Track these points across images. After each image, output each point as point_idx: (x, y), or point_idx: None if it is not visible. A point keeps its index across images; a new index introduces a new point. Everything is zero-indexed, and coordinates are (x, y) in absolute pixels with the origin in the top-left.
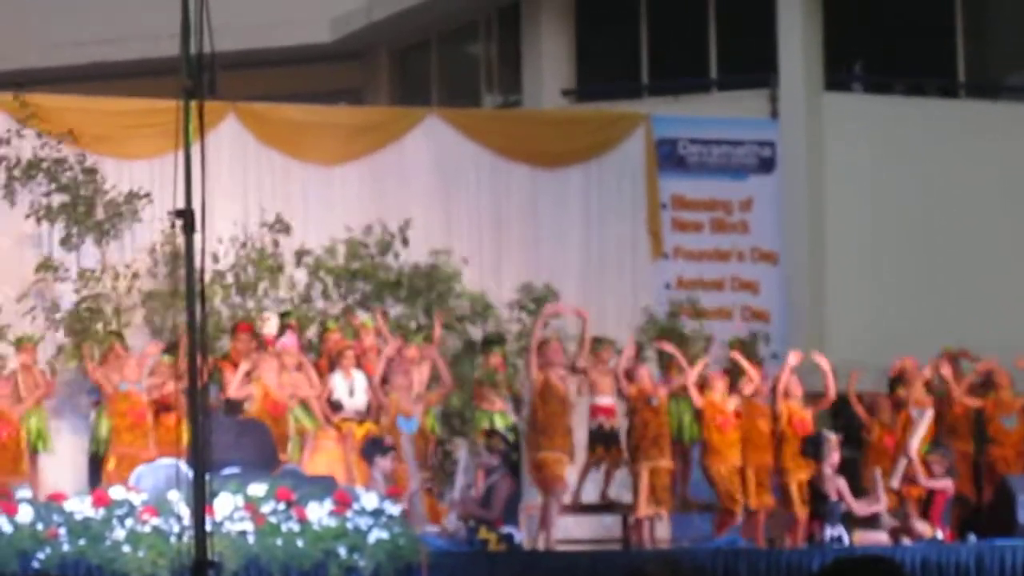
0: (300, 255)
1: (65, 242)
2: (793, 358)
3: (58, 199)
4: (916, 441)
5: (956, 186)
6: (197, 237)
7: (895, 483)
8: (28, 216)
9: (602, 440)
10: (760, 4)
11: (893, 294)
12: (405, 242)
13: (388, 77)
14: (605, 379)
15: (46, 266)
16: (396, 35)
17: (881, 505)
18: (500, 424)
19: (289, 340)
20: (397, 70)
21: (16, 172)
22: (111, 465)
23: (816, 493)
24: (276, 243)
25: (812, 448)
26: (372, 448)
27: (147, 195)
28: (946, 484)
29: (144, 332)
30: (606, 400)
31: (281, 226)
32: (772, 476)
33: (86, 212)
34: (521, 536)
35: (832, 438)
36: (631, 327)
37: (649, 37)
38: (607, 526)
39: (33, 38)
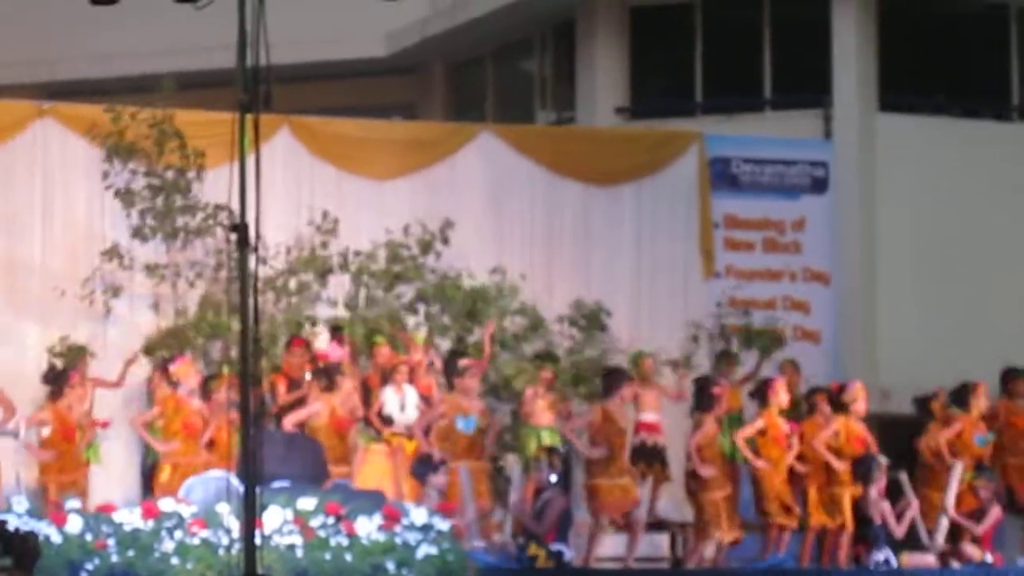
0: (344, 257)
1: (137, 233)
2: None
3: (142, 182)
4: (951, 498)
5: (1008, 208)
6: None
7: (940, 539)
8: (108, 188)
9: (645, 456)
10: (815, 25)
11: (945, 315)
12: (446, 241)
13: (442, 92)
14: (650, 395)
15: (112, 253)
16: (451, 50)
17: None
18: (548, 440)
19: (336, 351)
20: (451, 85)
21: (122, 151)
22: (164, 475)
23: (861, 516)
24: (325, 244)
25: (862, 471)
26: (423, 466)
27: (226, 208)
28: (994, 511)
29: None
30: (650, 416)
31: (329, 224)
32: (831, 496)
33: (164, 204)
34: (571, 554)
35: (883, 462)
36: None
37: (703, 56)
38: (656, 544)
39: (88, 48)
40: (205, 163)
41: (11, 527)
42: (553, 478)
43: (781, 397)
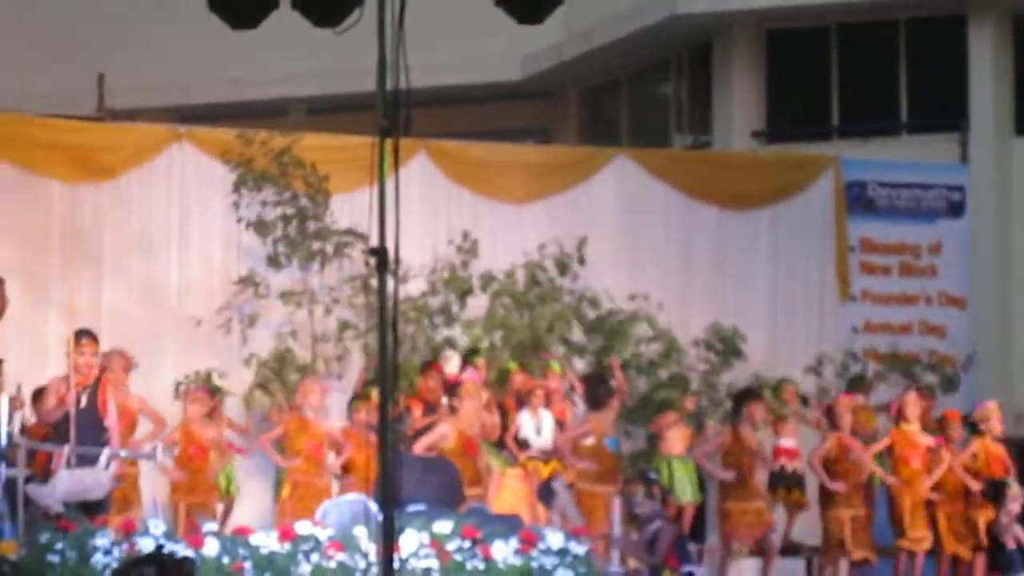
0: (486, 280)
1: (272, 261)
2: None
3: (274, 212)
4: None
5: None
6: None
7: None
8: (239, 222)
9: (783, 482)
10: (951, 48)
11: None
12: (582, 261)
13: (577, 116)
14: (788, 421)
15: (247, 281)
16: (586, 74)
17: None
18: (680, 469)
19: (471, 377)
20: (586, 109)
21: (249, 181)
22: (284, 492)
23: (994, 542)
24: (465, 264)
25: (992, 493)
26: (548, 489)
27: (364, 236)
28: None
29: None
30: (789, 442)
31: (469, 244)
32: (964, 523)
33: (299, 232)
34: (703, 572)
35: (1015, 487)
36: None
37: (839, 79)
38: (791, 570)
39: (222, 73)
40: (329, 189)
41: (166, 551)
42: (655, 508)
43: (908, 412)
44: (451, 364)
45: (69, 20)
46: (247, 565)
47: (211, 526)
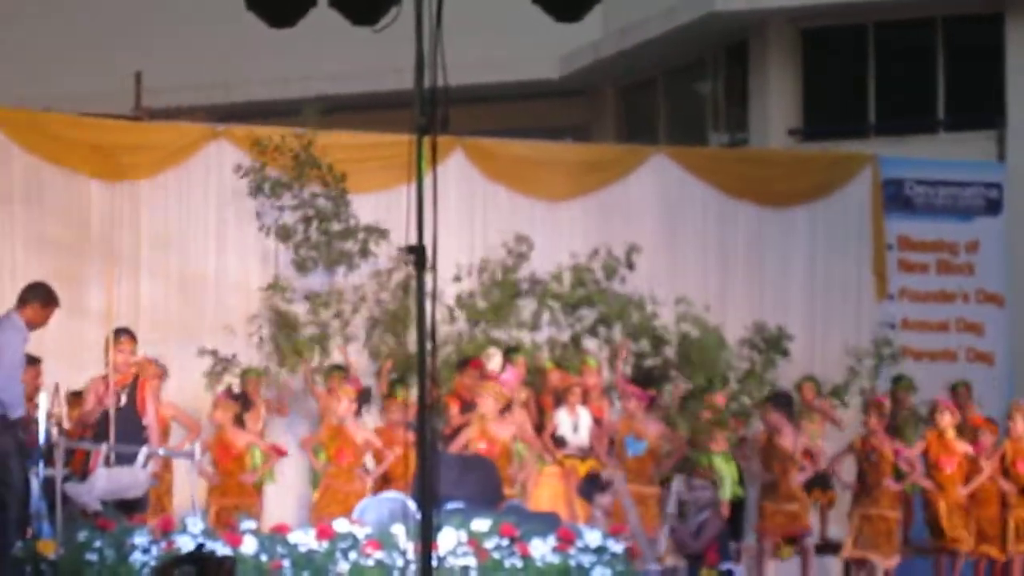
0: (532, 282)
1: (298, 265)
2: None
3: (294, 216)
4: None
5: None
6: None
7: None
8: (261, 229)
9: (815, 482)
10: (988, 46)
11: None
12: (631, 266)
13: (614, 114)
14: (813, 420)
15: (274, 286)
16: (623, 72)
17: None
18: (722, 465)
19: (509, 375)
20: (624, 107)
21: (265, 188)
22: (315, 495)
23: None
24: (516, 267)
25: None
26: (589, 486)
27: (384, 232)
28: None
29: (364, 360)
30: (816, 442)
31: (523, 248)
32: (999, 526)
33: (322, 233)
34: (740, 573)
35: None
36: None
37: (876, 77)
38: (826, 568)
39: (263, 71)
40: (348, 187)
41: (207, 550)
42: (706, 495)
43: (944, 418)
44: (493, 361)
45: (106, 20)
46: (285, 563)
47: (249, 524)
